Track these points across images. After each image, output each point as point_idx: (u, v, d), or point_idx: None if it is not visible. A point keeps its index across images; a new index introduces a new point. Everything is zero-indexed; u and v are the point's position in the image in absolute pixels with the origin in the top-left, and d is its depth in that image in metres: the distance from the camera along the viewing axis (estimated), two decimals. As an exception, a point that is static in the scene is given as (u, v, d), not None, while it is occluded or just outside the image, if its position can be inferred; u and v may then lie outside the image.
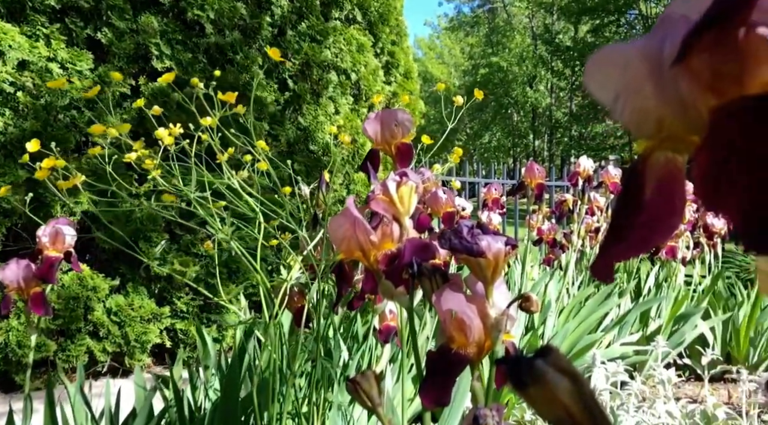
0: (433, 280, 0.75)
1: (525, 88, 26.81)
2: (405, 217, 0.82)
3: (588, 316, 2.75)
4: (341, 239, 0.79)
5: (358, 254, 0.80)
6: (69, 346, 3.18)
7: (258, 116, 3.79)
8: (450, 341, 0.69)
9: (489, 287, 0.71)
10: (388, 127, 1.20)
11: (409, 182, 0.82)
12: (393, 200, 0.81)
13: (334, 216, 0.79)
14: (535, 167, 2.42)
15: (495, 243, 0.70)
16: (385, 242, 0.80)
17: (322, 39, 4.03)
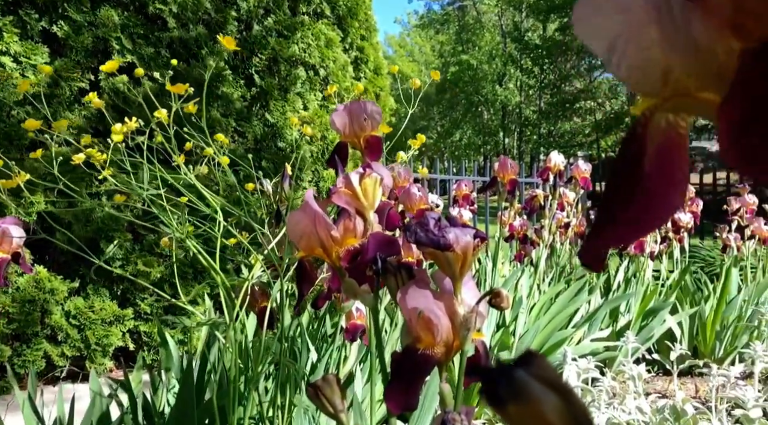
0: (398, 277, 0.70)
1: (495, 86, 27.01)
2: (369, 211, 0.78)
3: (559, 312, 2.74)
4: (300, 236, 0.74)
5: (319, 251, 0.75)
6: (25, 351, 3.05)
7: (224, 113, 3.70)
8: (416, 341, 0.65)
9: (457, 284, 0.66)
10: (357, 119, 1.16)
11: (373, 175, 0.77)
12: (356, 193, 0.76)
13: (293, 211, 0.74)
14: (508, 162, 2.40)
15: (463, 236, 0.66)
16: (347, 238, 0.75)
17: (289, 34, 3.95)
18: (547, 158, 3.05)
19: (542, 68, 25.29)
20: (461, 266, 0.66)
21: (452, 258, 0.65)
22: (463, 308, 0.66)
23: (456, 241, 0.65)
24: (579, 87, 24.72)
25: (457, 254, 0.65)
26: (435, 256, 0.66)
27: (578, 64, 24.95)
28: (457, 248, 0.65)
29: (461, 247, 0.65)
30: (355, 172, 0.77)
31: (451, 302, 0.65)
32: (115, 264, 3.29)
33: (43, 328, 3.13)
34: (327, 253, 0.74)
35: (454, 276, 0.66)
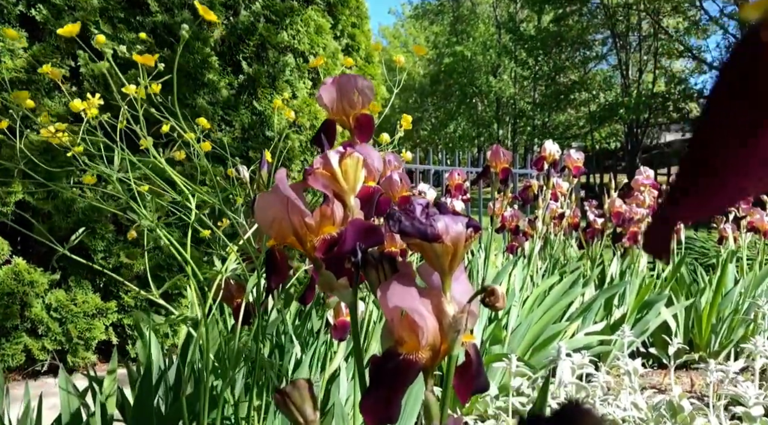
0: (380, 270, 0.62)
1: (489, 77, 26.89)
2: (350, 195, 0.70)
3: (552, 305, 2.68)
4: (270, 222, 0.66)
5: (291, 239, 0.67)
6: (4, 345, 2.96)
7: (210, 101, 3.60)
8: (398, 344, 0.57)
9: (446, 279, 0.59)
10: (347, 95, 1.07)
11: (354, 155, 0.69)
12: (335, 174, 0.68)
13: (261, 194, 0.66)
14: (501, 150, 2.32)
15: (454, 225, 0.58)
16: (324, 225, 0.67)
17: (278, 20, 3.85)
18: (541, 147, 2.98)
19: (537, 60, 25.17)
20: (451, 260, 0.58)
21: (441, 250, 0.57)
22: (452, 307, 0.58)
23: (446, 231, 0.57)
24: (573, 79, 24.64)
25: (446, 245, 0.57)
26: (422, 248, 0.58)
27: (573, 56, 24.86)
28: (446, 238, 0.57)
29: (452, 238, 0.57)
30: (335, 151, 0.69)
31: (439, 300, 0.58)
32: (97, 256, 3.19)
33: (23, 321, 3.04)
34: (301, 242, 0.66)
35: (443, 271, 0.58)
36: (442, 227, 0.56)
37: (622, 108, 21.16)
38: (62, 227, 3.13)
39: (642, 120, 21.88)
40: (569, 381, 1.81)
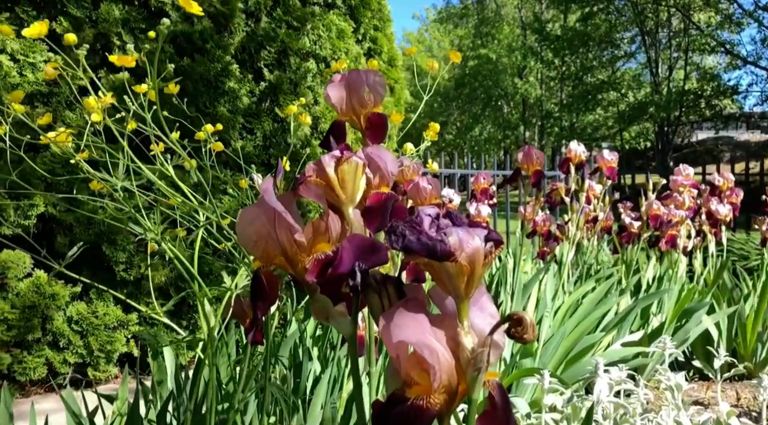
0: (383, 295, 0.52)
1: (515, 79, 26.60)
2: (348, 206, 0.60)
3: (586, 315, 2.54)
4: (255, 241, 0.57)
5: (280, 260, 0.58)
6: (26, 358, 2.94)
7: (231, 109, 3.55)
8: (406, 386, 0.47)
9: (463, 305, 0.49)
10: (356, 92, 0.98)
11: (353, 159, 0.60)
12: (331, 182, 0.59)
13: (245, 208, 0.57)
14: (533, 152, 2.19)
15: (470, 239, 0.48)
16: (318, 242, 0.58)
17: (299, 26, 3.79)
18: (566, 149, 2.84)
19: (563, 60, 24.81)
20: (468, 281, 0.48)
21: (455, 271, 0.47)
22: (471, 338, 0.48)
23: (460, 246, 0.47)
24: (601, 78, 24.19)
25: (461, 265, 0.47)
26: (431, 268, 0.48)
27: (600, 55, 24.42)
28: (461, 256, 0.47)
29: (467, 255, 0.47)
30: (330, 155, 0.60)
31: (455, 330, 0.48)
32: (119, 268, 3.16)
33: (44, 334, 3.02)
34: (290, 263, 0.57)
35: (457, 295, 0.49)
36: (454, 242, 0.47)
37: (652, 106, 20.69)
38: (83, 240, 3.10)
39: (673, 118, 21.35)
40: (607, 399, 1.68)
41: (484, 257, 0.48)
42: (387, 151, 0.86)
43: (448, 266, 0.47)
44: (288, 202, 0.59)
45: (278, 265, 0.59)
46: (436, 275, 0.49)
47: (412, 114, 1.86)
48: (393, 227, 0.48)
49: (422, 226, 0.47)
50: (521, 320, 0.47)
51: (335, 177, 0.59)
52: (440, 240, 0.47)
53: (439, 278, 0.49)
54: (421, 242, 0.46)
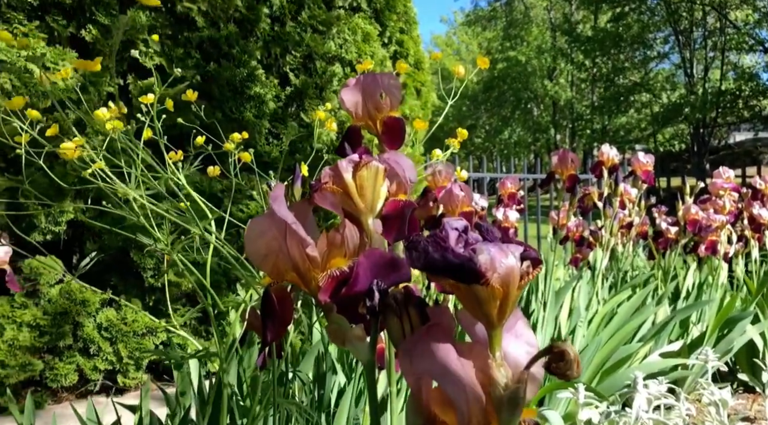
0: (404, 318, 0.47)
1: (544, 81, 26.26)
2: (367, 216, 0.55)
3: (622, 325, 2.44)
4: (264, 254, 0.52)
5: (291, 276, 0.53)
6: (57, 364, 2.96)
7: (257, 114, 3.54)
8: (428, 423, 0.41)
9: (495, 333, 0.43)
10: (372, 96, 0.93)
11: (372, 164, 0.54)
12: (348, 189, 0.54)
13: (253, 219, 0.52)
14: (569, 156, 2.11)
15: (503, 258, 0.42)
16: (333, 257, 0.53)
17: (324, 29, 3.76)
18: (599, 152, 2.74)
19: (594, 61, 24.39)
20: (501, 306, 0.42)
21: (486, 295, 0.41)
22: (504, 372, 0.42)
23: (492, 266, 0.41)
24: (634, 79, 23.70)
25: (493, 288, 0.41)
26: (458, 290, 0.42)
27: (632, 56, 23.94)
28: (493, 278, 0.41)
29: (500, 276, 0.41)
30: (348, 160, 0.55)
31: (485, 362, 0.42)
32: (147, 274, 3.17)
33: (75, 341, 3.04)
34: (303, 280, 0.52)
35: (489, 322, 0.43)
36: (485, 261, 0.41)
37: (687, 108, 20.17)
38: (112, 246, 3.12)
39: (709, 120, 20.78)
40: (647, 416, 1.59)
41: (520, 279, 0.42)
42: (405, 156, 0.80)
43: (478, 290, 0.41)
44: (301, 212, 0.54)
45: (291, 281, 0.54)
46: (464, 298, 0.43)
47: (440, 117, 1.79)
48: (414, 242, 0.42)
49: (448, 241, 0.41)
50: (563, 353, 0.41)
51: (353, 184, 0.54)
52: (468, 259, 0.41)
53: (468, 302, 0.43)
54: (446, 260, 0.40)
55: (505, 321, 0.43)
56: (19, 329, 2.90)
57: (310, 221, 0.56)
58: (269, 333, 0.56)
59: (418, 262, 0.41)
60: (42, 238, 3.05)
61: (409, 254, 0.42)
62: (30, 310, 2.92)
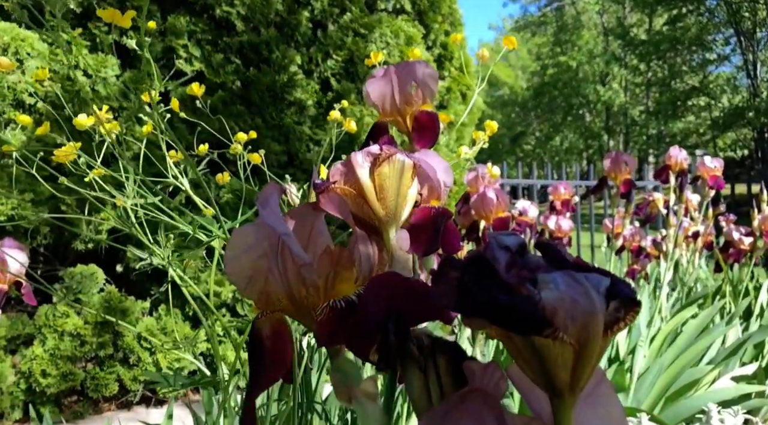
0: (430, 370, 0.33)
1: (596, 86, 25.54)
2: (389, 227, 0.42)
3: (688, 345, 2.21)
4: (249, 277, 0.39)
5: (284, 305, 0.40)
6: (98, 374, 2.93)
7: (297, 120, 3.46)
8: None
9: (564, 404, 0.28)
10: (403, 88, 0.80)
11: (396, 158, 0.41)
12: (364, 190, 0.41)
13: (238, 229, 0.39)
14: (622, 158, 1.92)
15: (581, 296, 0.27)
16: (340, 281, 0.39)
17: (366, 33, 3.66)
18: (665, 155, 2.52)
19: (649, 65, 23.57)
20: (575, 367, 0.28)
21: (553, 352, 0.27)
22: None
23: (562, 309, 0.27)
24: (692, 83, 22.76)
25: (565, 342, 0.27)
26: (509, 341, 0.28)
27: (690, 59, 23.02)
28: (565, 326, 0.27)
29: (577, 325, 0.27)
30: (365, 152, 0.41)
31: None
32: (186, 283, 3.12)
33: (116, 350, 3.01)
34: (298, 311, 0.39)
35: (556, 388, 0.28)
36: (554, 301, 0.27)
37: (750, 111, 19.21)
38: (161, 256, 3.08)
39: (775, 123, 19.74)
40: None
41: (607, 328, 0.27)
42: (438, 156, 0.66)
43: (542, 344, 0.27)
44: (303, 220, 0.41)
45: (283, 312, 0.41)
46: (519, 353, 0.29)
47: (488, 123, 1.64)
48: (445, 269, 0.28)
49: (497, 268, 0.27)
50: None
51: (370, 184, 0.41)
52: (527, 298, 0.27)
53: (525, 359, 0.29)
54: (492, 299, 0.26)
55: (580, 388, 0.29)
56: (61, 338, 2.88)
57: (317, 232, 0.44)
58: (257, 382, 0.42)
59: (448, 299, 0.28)
60: (83, 247, 3.04)
61: (437, 286, 0.28)
62: (71, 319, 2.90)
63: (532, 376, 0.29)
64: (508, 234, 0.29)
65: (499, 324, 0.27)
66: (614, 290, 0.28)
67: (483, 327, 0.28)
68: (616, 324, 0.28)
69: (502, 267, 0.28)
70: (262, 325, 0.42)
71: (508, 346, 0.30)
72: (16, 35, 2.73)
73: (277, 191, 0.39)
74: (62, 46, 1.16)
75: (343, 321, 0.37)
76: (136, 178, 1.21)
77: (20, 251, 1.26)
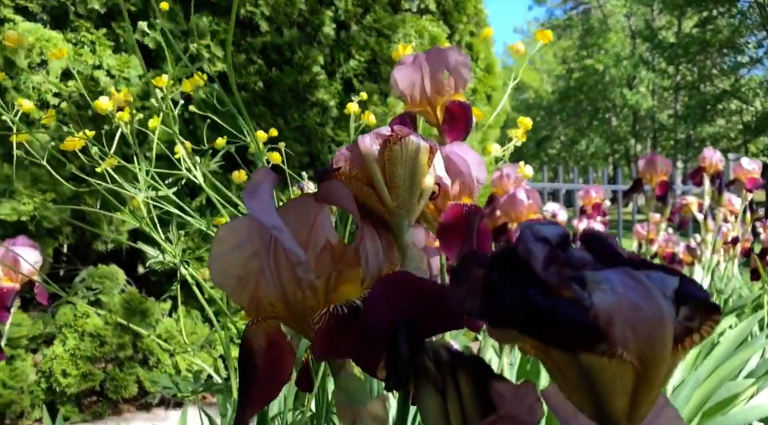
0: (449, 391, 0.27)
1: (623, 90, 25.11)
2: (401, 219, 0.36)
3: (726, 358, 2.10)
4: (238, 278, 0.34)
5: (278, 310, 0.34)
6: (118, 375, 2.92)
7: (320, 121, 3.42)
8: None
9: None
10: (434, 76, 0.74)
11: (411, 140, 0.35)
12: (372, 176, 0.35)
13: (225, 224, 0.34)
14: (658, 160, 1.84)
15: (644, 300, 0.21)
16: (343, 282, 0.34)
17: (390, 33, 3.61)
18: (699, 157, 2.42)
19: (678, 68, 23.12)
20: (635, 392, 0.22)
21: (608, 372, 0.21)
22: None
23: (619, 318, 0.21)
24: (722, 87, 22.25)
25: (623, 363, 0.20)
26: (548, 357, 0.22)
27: (720, 62, 22.51)
28: (622, 338, 0.21)
29: (639, 339, 0.20)
30: (374, 134, 0.36)
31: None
32: (207, 284, 3.09)
33: (135, 351, 3.00)
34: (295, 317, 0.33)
35: (610, 419, 0.22)
36: (609, 307, 0.20)
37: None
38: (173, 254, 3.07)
39: (810, 128, 19.19)
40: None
41: (678, 341, 0.21)
42: (472, 150, 0.60)
43: (593, 363, 0.21)
44: (302, 213, 0.36)
45: (277, 318, 0.35)
46: (561, 372, 0.23)
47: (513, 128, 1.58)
48: (467, 266, 0.23)
49: (534, 266, 0.21)
50: None
51: (377, 169, 0.35)
52: (574, 303, 0.21)
53: (568, 381, 0.23)
54: (528, 304, 0.20)
55: (640, 418, 0.23)
56: (81, 338, 2.88)
57: (319, 228, 0.38)
58: (248, 401, 0.36)
59: (471, 303, 0.22)
60: (104, 247, 3.03)
61: (457, 288, 0.22)
62: (92, 319, 2.90)
63: (576, 401, 0.23)
64: (545, 223, 0.23)
65: (536, 337, 0.21)
66: (684, 292, 0.22)
67: (514, 339, 0.22)
68: (688, 336, 0.22)
69: (540, 264, 0.22)
70: (253, 335, 0.36)
71: (547, 364, 0.23)
72: (41, 36, 2.74)
73: (269, 178, 0.33)
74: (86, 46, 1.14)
75: (345, 329, 0.31)
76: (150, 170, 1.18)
77: (33, 249, 1.23)
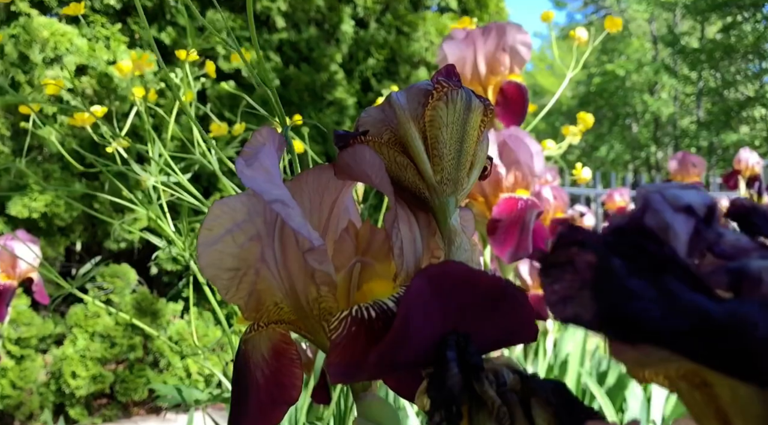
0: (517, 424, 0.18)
1: (644, 96, 24.77)
2: (448, 197, 0.27)
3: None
4: (232, 271, 0.26)
5: (285, 312, 0.26)
6: (128, 377, 2.86)
7: (338, 120, 3.35)
8: None
9: None
10: (490, 52, 0.67)
11: (459, 95, 0.26)
12: (409, 142, 0.27)
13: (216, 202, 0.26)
14: (690, 159, 1.74)
15: None
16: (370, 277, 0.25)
17: (409, 31, 3.54)
18: (734, 159, 2.30)
19: (701, 74, 22.75)
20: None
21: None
22: None
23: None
24: (747, 93, 21.85)
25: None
26: (705, 391, 0.14)
27: (746, 68, 22.11)
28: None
29: None
30: (413, 87, 0.28)
31: None
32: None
33: (146, 353, 2.94)
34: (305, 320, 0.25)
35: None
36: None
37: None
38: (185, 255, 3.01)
39: (837, 136, 18.74)
40: None
41: None
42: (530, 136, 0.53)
43: None
44: (319, 187, 0.28)
45: (284, 323, 0.27)
46: (731, 411, 0.14)
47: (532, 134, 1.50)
48: (564, 250, 0.14)
49: (672, 244, 0.13)
50: None
51: (415, 133, 0.27)
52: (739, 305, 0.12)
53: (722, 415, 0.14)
54: (692, 309, 0.12)
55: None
56: (91, 339, 2.83)
57: (341, 208, 0.30)
58: (247, 415, 0.28)
59: (579, 307, 0.14)
60: (116, 246, 2.99)
61: (552, 284, 0.14)
62: (102, 320, 2.85)
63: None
64: (683, 186, 0.15)
65: (712, 362, 0.13)
66: None
67: (653, 364, 0.14)
68: None
69: (683, 246, 0.14)
70: (253, 344, 0.28)
71: (697, 398, 0.15)
72: (56, 30, 2.71)
73: (272, 139, 0.25)
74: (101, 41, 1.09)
75: (372, 339, 0.22)
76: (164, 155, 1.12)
77: (33, 243, 1.16)
